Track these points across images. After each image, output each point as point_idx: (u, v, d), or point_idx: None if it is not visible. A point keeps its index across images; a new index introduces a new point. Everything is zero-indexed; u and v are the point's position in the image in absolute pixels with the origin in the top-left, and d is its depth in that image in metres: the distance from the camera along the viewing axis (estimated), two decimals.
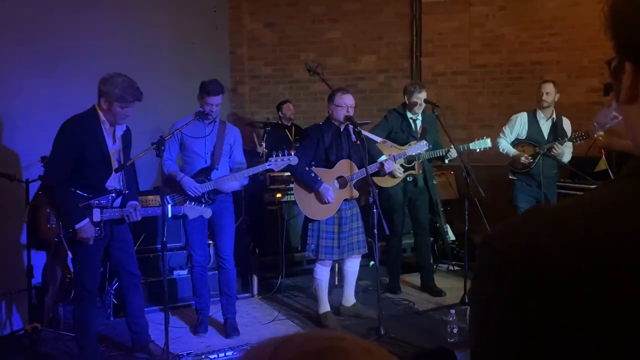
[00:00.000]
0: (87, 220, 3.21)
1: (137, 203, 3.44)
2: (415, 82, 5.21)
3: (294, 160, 3.83)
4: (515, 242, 0.62)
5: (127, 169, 3.39)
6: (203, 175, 3.89)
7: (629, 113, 0.68)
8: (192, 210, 3.66)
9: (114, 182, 3.36)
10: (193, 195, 3.80)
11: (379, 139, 4.29)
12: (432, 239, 5.46)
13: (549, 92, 4.65)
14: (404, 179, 4.70)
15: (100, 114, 3.25)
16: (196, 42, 6.23)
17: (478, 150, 4.62)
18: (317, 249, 4.04)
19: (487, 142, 4.59)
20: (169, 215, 3.57)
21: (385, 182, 4.66)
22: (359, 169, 4.06)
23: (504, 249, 0.63)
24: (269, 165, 3.83)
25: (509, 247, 0.63)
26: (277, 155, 3.80)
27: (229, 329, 4.03)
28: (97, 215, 3.29)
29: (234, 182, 3.92)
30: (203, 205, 3.76)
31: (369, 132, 4.33)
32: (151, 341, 3.65)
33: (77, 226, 3.18)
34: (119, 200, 3.39)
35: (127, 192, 3.36)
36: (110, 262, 3.55)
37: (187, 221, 3.93)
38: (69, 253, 3.28)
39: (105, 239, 3.36)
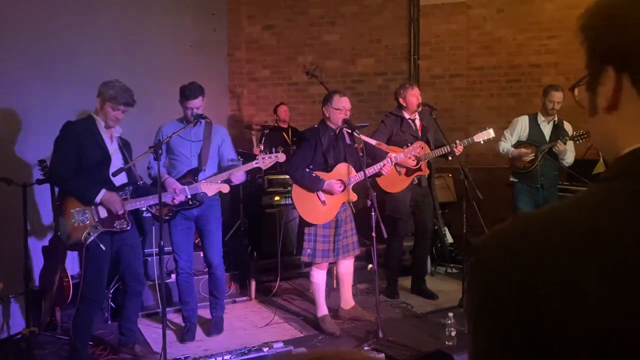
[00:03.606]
0: (103, 190, 3.33)
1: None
2: (404, 82, 5.22)
3: (281, 157, 3.85)
4: (500, 252, 0.64)
5: (130, 171, 3.49)
6: (190, 176, 3.87)
7: (606, 123, 0.70)
8: (209, 188, 3.74)
9: (122, 178, 3.47)
10: (172, 196, 3.74)
11: (373, 142, 4.28)
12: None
13: (560, 102, 4.61)
14: (411, 182, 4.64)
15: (96, 117, 3.42)
16: (194, 45, 6.23)
17: (482, 142, 4.58)
18: (313, 252, 4.03)
19: (490, 132, 4.54)
20: (188, 195, 3.71)
21: (393, 187, 4.61)
22: (356, 172, 4.06)
23: (490, 259, 0.64)
24: (256, 163, 3.83)
25: (494, 257, 0.64)
26: (264, 154, 3.83)
27: (212, 326, 4.09)
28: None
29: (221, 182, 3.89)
30: (194, 201, 3.79)
31: (368, 137, 4.32)
32: (138, 343, 3.74)
33: (97, 200, 3.32)
34: (132, 193, 3.51)
35: (142, 182, 3.47)
36: (120, 265, 3.60)
37: (173, 226, 3.94)
38: (82, 257, 3.34)
39: (115, 244, 3.45)
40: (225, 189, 3.80)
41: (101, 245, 3.33)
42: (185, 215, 3.94)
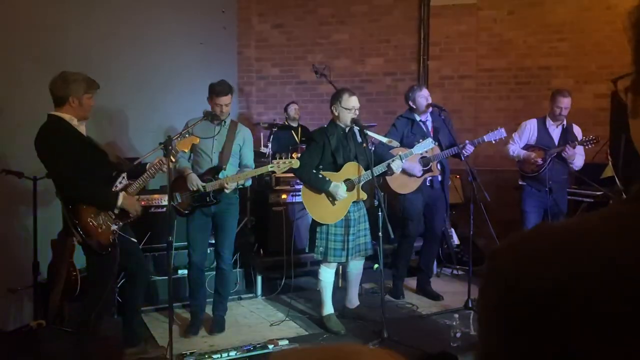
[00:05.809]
0: (121, 194, 3.28)
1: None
2: (413, 84, 5.20)
3: (295, 163, 3.84)
4: (519, 260, 0.63)
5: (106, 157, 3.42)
6: (210, 174, 3.92)
7: None
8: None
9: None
10: (195, 189, 3.84)
11: (385, 139, 4.27)
12: None
13: (567, 108, 4.58)
14: (422, 183, 4.61)
15: (64, 116, 3.19)
16: (204, 43, 6.25)
17: (494, 141, 4.52)
18: (325, 251, 4.03)
19: (502, 132, 4.48)
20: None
21: (404, 188, 4.59)
22: (365, 170, 4.05)
23: (508, 266, 0.64)
24: (271, 167, 3.88)
25: (512, 264, 0.63)
26: (280, 158, 3.85)
27: (213, 325, 4.10)
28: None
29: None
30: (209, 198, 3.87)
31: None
32: (146, 339, 3.75)
33: (119, 204, 3.25)
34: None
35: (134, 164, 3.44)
36: (126, 256, 3.57)
37: (190, 220, 3.99)
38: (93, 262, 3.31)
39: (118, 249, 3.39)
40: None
41: (132, 239, 3.33)
42: (203, 212, 3.98)
